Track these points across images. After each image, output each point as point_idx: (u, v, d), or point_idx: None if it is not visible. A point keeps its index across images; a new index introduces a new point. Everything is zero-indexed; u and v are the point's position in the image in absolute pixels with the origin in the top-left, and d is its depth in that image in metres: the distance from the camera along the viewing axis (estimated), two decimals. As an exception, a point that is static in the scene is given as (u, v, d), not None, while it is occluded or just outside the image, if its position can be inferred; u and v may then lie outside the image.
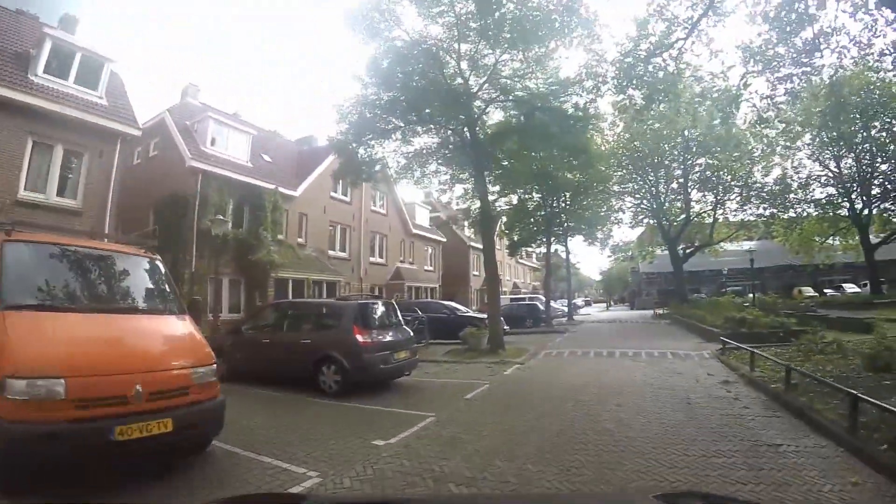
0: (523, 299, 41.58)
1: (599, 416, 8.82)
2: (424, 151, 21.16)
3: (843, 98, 24.47)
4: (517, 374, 13.70)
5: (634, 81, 15.13)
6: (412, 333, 13.29)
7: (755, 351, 13.21)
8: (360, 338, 11.19)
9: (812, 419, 8.04)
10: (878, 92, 34.34)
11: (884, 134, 37.15)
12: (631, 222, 45.20)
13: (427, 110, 18.77)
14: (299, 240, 28.26)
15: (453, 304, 25.72)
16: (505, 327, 22.29)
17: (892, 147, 36.16)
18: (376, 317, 12.26)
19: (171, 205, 22.01)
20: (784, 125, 33.54)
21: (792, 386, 9.91)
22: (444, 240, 43.57)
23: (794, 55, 13.51)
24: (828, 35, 12.93)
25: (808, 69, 13.87)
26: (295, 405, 10.29)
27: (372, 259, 34.64)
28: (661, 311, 42.43)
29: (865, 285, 48.90)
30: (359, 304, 12.19)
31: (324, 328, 12.06)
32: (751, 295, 43.02)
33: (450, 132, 20.26)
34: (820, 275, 52.42)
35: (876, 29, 12.54)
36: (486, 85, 19.49)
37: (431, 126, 20.14)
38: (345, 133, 19.43)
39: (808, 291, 49.23)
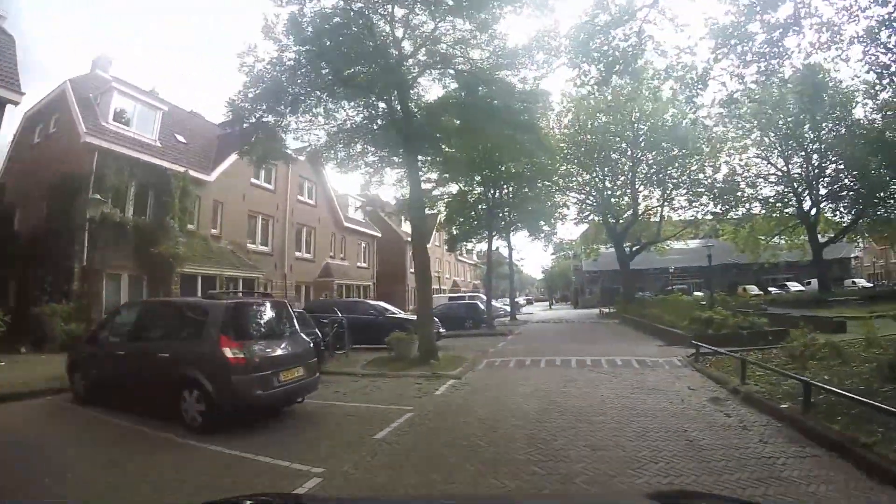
0: (463, 298, 38.63)
1: (571, 470, 5.85)
2: (349, 126, 17.90)
3: (812, 87, 22.72)
4: (452, 395, 10.55)
5: (593, 54, 13.49)
6: (311, 344, 9.89)
7: (743, 358, 10.69)
8: (228, 352, 7.85)
9: (869, 462, 5.62)
10: (830, 91, 33.78)
11: (832, 135, 36.74)
12: (576, 218, 43.08)
13: (350, 70, 15.58)
14: (213, 231, 24.79)
15: (382, 304, 22.55)
16: (441, 330, 19.40)
17: (842, 148, 35.39)
18: (257, 322, 8.95)
19: (63, 187, 18.92)
20: (751, 104, 32.35)
21: (810, 405, 7.57)
22: (379, 234, 40.32)
23: (767, 33, 12.19)
24: (800, 17, 11.92)
25: (780, 49, 12.51)
26: (142, 446, 7.11)
27: (298, 254, 31.20)
28: (606, 310, 40.33)
29: (809, 283, 48.75)
30: (229, 304, 8.77)
31: (185, 338, 8.63)
32: (699, 293, 41.82)
33: (378, 104, 17.13)
34: (763, 273, 52.03)
35: (851, 13, 11.79)
36: (423, 52, 16.56)
37: (356, 96, 16.93)
38: (252, 99, 15.98)
39: (753, 290, 48.23)
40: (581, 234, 47.93)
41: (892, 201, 37.92)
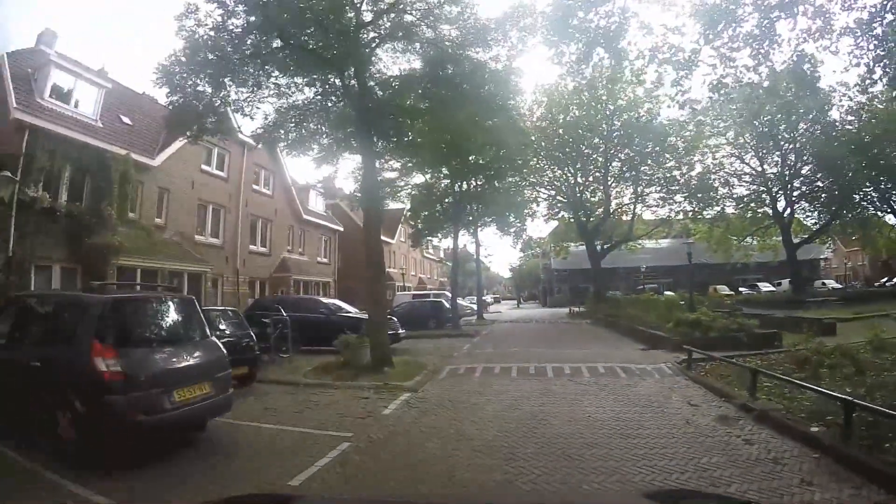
0: (428, 296, 36.69)
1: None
2: (301, 102, 15.86)
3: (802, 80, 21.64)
4: (403, 416, 8.44)
5: (572, 33, 12.35)
6: (224, 352, 7.52)
7: (754, 367, 9.06)
8: (101, 364, 5.81)
9: None
10: (811, 89, 32.29)
11: (808, 136, 36.03)
12: (546, 215, 41.57)
13: (302, 36, 13.55)
14: (157, 220, 22.41)
15: (337, 301, 20.49)
16: (401, 331, 17.49)
17: (817, 149, 34.74)
18: (148, 324, 6.92)
19: (-12, 169, 16.23)
20: (733, 99, 31.58)
21: (850, 429, 6.01)
22: (342, 229, 38.08)
23: (761, 14, 11.25)
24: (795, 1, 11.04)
25: (772, 34, 11.54)
26: None
27: (252, 247, 28.91)
28: (576, 309, 38.81)
29: (779, 284, 48.23)
30: (107, 301, 6.63)
31: (58, 343, 6.56)
32: (670, 293, 40.61)
33: (333, 79, 15.13)
34: (733, 274, 51.34)
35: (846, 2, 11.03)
36: (386, 21, 14.63)
37: (309, 68, 14.88)
38: (187, 65, 13.80)
39: (724, 290, 47.32)
40: (551, 232, 46.37)
41: (865, 203, 37.61)
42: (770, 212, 38.82)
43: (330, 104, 15.47)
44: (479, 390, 10.30)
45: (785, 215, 38.05)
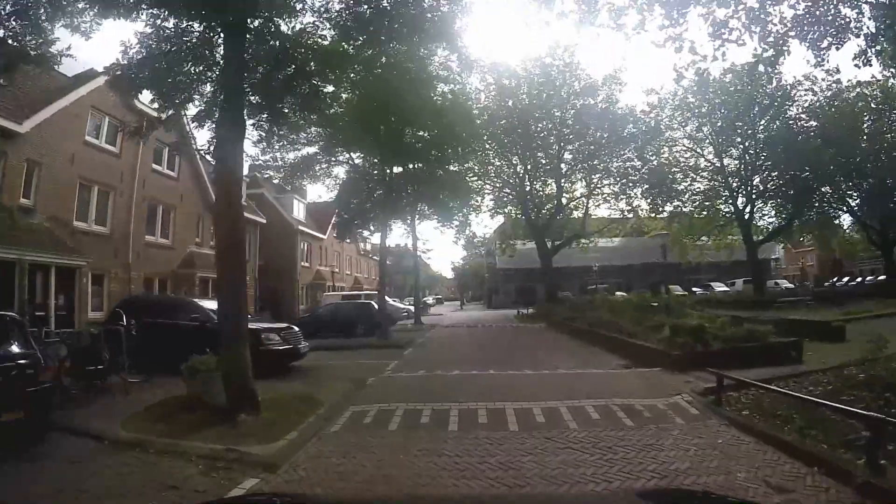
0: (359, 297, 31.90)
1: None
2: (171, 34, 11.24)
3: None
4: None
5: None
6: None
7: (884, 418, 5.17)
8: None
9: None
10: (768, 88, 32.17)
11: (769, 131, 33.82)
12: (491, 209, 37.79)
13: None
14: (24, 201, 17.60)
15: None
16: (302, 344, 12.83)
17: (779, 145, 32.44)
18: None
19: None
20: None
21: None
22: (264, 220, 33.21)
23: None
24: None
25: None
26: None
27: (150, 238, 24.00)
28: (526, 311, 35.00)
29: (732, 284, 46.16)
30: None
31: None
32: (622, 293, 37.38)
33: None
34: (685, 274, 49.08)
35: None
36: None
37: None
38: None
39: (677, 290, 44.49)
40: (497, 229, 42.48)
41: (823, 203, 35.60)
42: (730, 209, 36.25)
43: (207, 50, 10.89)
44: (389, 471, 5.50)
45: (745, 212, 35.45)
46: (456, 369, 12.13)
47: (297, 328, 12.92)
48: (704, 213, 36.93)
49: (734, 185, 35.52)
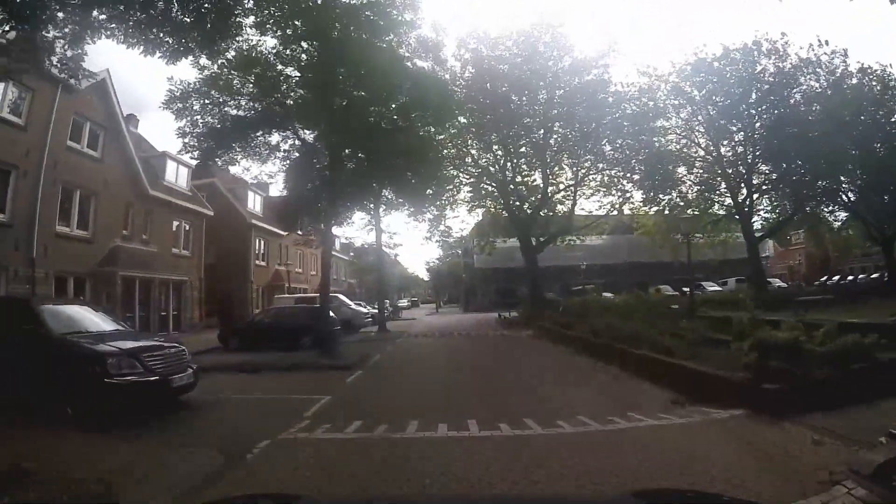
0: (313, 301, 26.15)
1: None
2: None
3: None
4: None
5: None
6: None
7: None
8: None
9: None
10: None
11: (768, 119, 30.07)
12: (468, 203, 33.66)
13: None
14: None
15: (81, 308, 10.05)
16: (179, 375, 8.14)
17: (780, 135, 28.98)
18: None
19: None
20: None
21: None
22: (211, 212, 28.76)
23: None
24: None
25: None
26: None
27: (64, 229, 19.63)
28: (507, 315, 30.87)
29: (725, 283, 42.96)
30: None
31: None
32: (609, 294, 33.49)
33: None
34: (672, 273, 45.67)
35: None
36: None
37: None
38: None
39: (667, 290, 40.87)
40: (475, 225, 38.02)
41: (821, 197, 32.29)
42: (729, 201, 32.70)
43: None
44: None
45: (745, 205, 31.86)
46: (414, 422, 6.96)
47: (180, 347, 8.57)
48: (701, 206, 33.31)
49: (733, 175, 31.96)
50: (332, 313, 19.01)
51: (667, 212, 33.54)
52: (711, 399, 7.36)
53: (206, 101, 15.60)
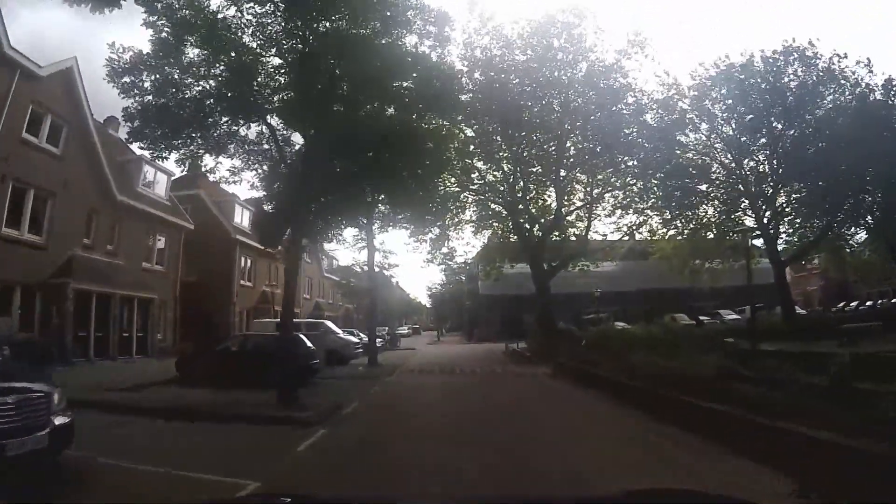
0: (299, 327, 22.54)
1: None
2: None
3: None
4: None
5: None
6: None
7: None
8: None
9: None
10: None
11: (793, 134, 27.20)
12: (474, 224, 30.59)
13: None
14: None
15: None
16: (56, 421, 4.79)
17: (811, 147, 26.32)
18: None
19: None
20: None
21: None
22: (191, 225, 25.61)
23: None
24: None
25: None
26: None
27: (13, 232, 16.62)
28: (516, 347, 27.40)
29: (742, 311, 39.54)
30: None
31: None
32: (620, 323, 30.13)
33: None
34: (684, 300, 42.42)
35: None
36: None
37: None
38: None
39: (683, 319, 37.41)
40: (482, 248, 34.57)
41: (849, 216, 28.98)
42: (752, 223, 29.45)
43: None
44: None
45: (770, 227, 28.68)
46: None
47: (37, 394, 5.22)
48: (723, 227, 30.13)
49: (757, 194, 28.84)
50: (309, 343, 15.67)
51: (686, 233, 30.73)
52: (857, 487, 4.11)
53: (159, 77, 12.44)
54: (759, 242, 31.96)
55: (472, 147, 25.28)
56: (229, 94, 12.72)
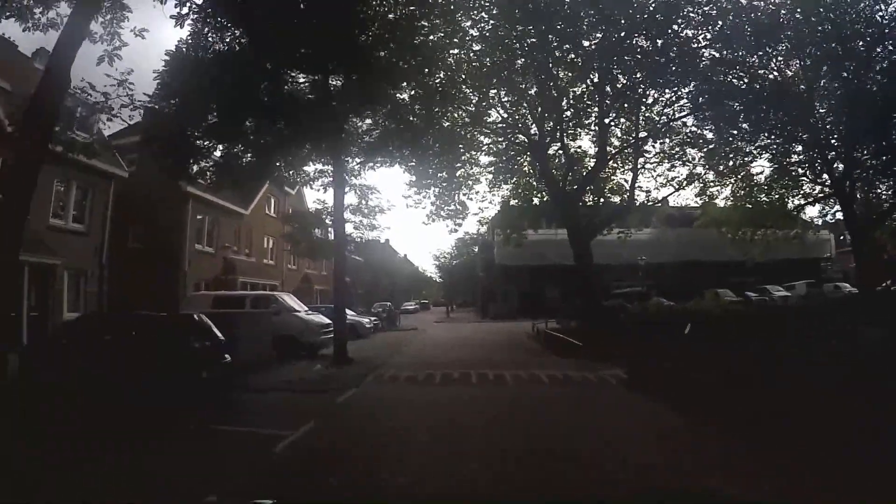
0: (243, 300, 15.84)
1: None
2: None
3: None
4: None
5: None
6: None
7: None
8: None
9: None
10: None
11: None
12: (492, 175, 23.87)
13: None
14: None
15: None
16: None
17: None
18: None
19: None
20: None
21: None
22: (125, 174, 19.06)
23: None
24: None
25: None
26: None
27: None
28: (545, 328, 20.71)
29: (793, 287, 33.06)
30: None
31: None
32: (662, 299, 23.50)
33: None
34: (726, 275, 35.63)
35: None
36: None
37: None
38: None
39: (728, 295, 30.78)
40: (500, 205, 27.12)
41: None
42: (824, 177, 22.87)
43: None
44: None
45: (846, 185, 21.76)
46: None
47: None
48: (788, 184, 23.77)
49: (833, 143, 21.91)
50: (215, 330, 8.94)
51: (746, 190, 24.21)
52: None
53: None
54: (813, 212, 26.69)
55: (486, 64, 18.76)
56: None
